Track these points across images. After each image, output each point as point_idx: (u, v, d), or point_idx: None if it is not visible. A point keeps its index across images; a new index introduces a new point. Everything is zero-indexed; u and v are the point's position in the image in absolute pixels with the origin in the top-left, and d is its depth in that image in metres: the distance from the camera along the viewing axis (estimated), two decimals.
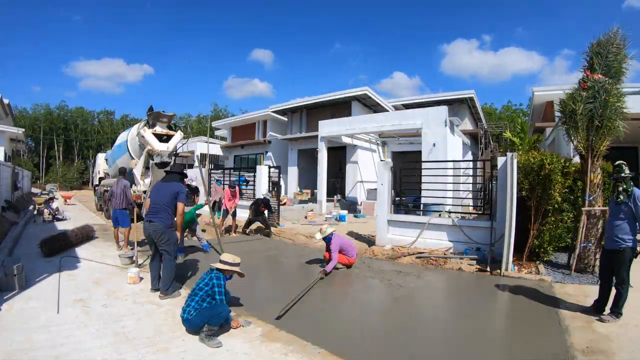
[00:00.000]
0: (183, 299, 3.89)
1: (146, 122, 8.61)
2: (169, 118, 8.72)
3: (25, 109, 49.75)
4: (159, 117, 8.54)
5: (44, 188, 29.82)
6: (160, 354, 2.93)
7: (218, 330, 3.25)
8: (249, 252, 7.42)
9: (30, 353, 2.88)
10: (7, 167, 14.31)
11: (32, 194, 22.29)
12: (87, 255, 6.17)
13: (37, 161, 45.74)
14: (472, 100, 18.34)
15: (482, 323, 3.87)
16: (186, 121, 59.10)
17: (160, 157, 8.20)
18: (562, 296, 4.52)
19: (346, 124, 13.58)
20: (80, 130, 50.58)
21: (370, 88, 16.43)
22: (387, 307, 4.52)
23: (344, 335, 3.43)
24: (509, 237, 5.56)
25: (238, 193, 9.98)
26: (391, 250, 7.15)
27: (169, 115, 8.65)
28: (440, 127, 10.83)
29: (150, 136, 8.33)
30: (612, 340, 3.26)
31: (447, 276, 5.69)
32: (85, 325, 3.43)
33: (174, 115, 8.82)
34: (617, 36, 5.39)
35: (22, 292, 4.31)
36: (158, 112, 8.48)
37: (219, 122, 27.81)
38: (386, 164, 7.75)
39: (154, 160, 8.29)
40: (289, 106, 19.86)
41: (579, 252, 5.47)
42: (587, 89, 5.39)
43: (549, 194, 5.73)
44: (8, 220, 9.86)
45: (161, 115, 8.54)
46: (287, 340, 3.25)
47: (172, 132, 8.71)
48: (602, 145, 5.44)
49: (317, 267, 6.09)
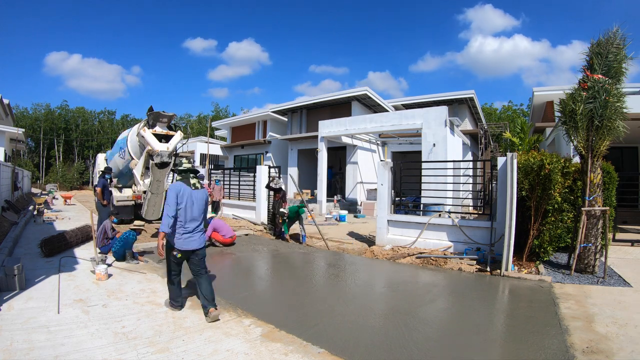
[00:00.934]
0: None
1: (146, 122, 8.55)
2: (169, 118, 8.66)
3: (25, 109, 49.81)
4: (158, 117, 8.48)
5: (44, 188, 29.84)
6: (160, 354, 2.93)
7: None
8: (255, 251, 7.43)
9: (30, 353, 2.88)
10: (7, 167, 14.31)
11: (32, 194, 22.27)
12: (87, 255, 6.16)
13: (37, 161, 45.75)
14: (472, 100, 18.34)
15: (481, 323, 3.87)
16: (186, 121, 59.23)
17: (160, 157, 8.12)
18: (562, 296, 4.52)
19: (346, 124, 13.59)
20: (81, 130, 50.61)
21: (370, 88, 16.44)
22: (386, 307, 4.51)
23: (344, 336, 3.43)
24: (509, 237, 5.56)
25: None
26: (391, 250, 7.15)
27: (169, 115, 8.59)
28: (440, 127, 10.83)
29: (150, 136, 8.26)
30: (612, 340, 3.26)
31: (447, 276, 5.69)
32: (85, 325, 3.43)
33: (174, 116, 8.75)
34: (617, 36, 5.39)
35: (22, 292, 4.31)
36: (158, 112, 8.41)
37: (219, 122, 27.84)
38: (386, 164, 7.75)
39: (153, 161, 8.20)
40: (289, 106, 19.87)
41: (579, 252, 5.47)
42: (587, 89, 5.39)
43: (548, 194, 5.73)
44: (8, 220, 9.86)
45: (161, 115, 8.47)
46: (287, 340, 3.25)
47: (172, 132, 8.64)
48: (602, 145, 5.43)
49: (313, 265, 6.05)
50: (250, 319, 3.73)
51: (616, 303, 4.20)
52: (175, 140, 8.53)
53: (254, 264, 6.77)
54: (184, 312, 3.87)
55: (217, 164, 24.44)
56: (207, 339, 3.22)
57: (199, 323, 3.59)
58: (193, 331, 3.39)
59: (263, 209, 10.92)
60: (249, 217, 11.41)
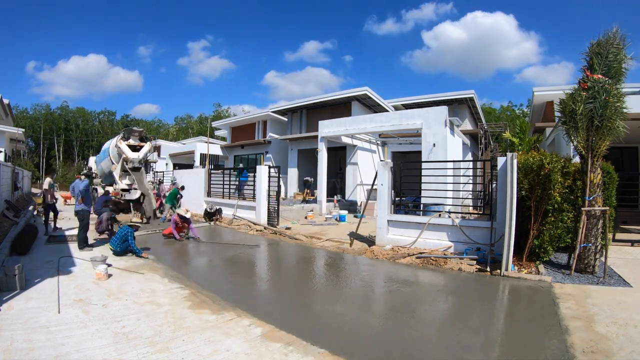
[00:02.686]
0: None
1: (122, 135, 11.06)
2: (140, 132, 11.37)
3: (25, 109, 49.81)
4: (131, 132, 11.21)
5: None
6: (160, 354, 2.93)
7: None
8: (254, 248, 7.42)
9: (30, 353, 2.88)
10: (7, 168, 14.30)
11: (32, 194, 22.26)
12: (87, 256, 6.16)
13: (37, 161, 45.76)
14: (472, 100, 18.33)
15: (481, 323, 3.87)
16: (187, 122, 59.28)
17: (132, 163, 10.38)
18: (562, 296, 4.52)
19: (346, 124, 13.58)
20: (81, 130, 50.62)
21: (370, 88, 16.44)
22: (386, 307, 4.52)
23: (344, 336, 3.43)
24: (509, 237, 5.56)
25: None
26: (391, 250, 7.15)
27: (139, 130, 11.41)
28: (440, 127, 10.82)
29: (124, 147, 10.70)
30: (612, 340, 3.26)
31: (447, 276, 5.69)
32: (85, 325, 3.44)
33: (143, 131, 11.57)
34: (617, 36, 5.39)
35: (22, 292, 4.31)
36: (131, 128, 11.32)
37: (219, 122, 27.84)
38: (386, 164, 7.75)
39: (127, 165, 10.48)
40: (289, 106, 19.87)
41: (579, 252, 5.46)
42: (587, 89, 5.38)
43: (548, 194, 5.73)
44: (8, 221, 9.86)
45: (133, 130, 11.26)
46: (287, 340, 3.25)
47: (143, 144, 11.15)
48: (602, 145, 5.43)
49: (316, 264, 6.07)
50: (250, 319, 3.73)
51: (616, 303, 4.20)
52: (145, 150, 11.02)
53: (254, 263, 6.77)
54: (184, 312, 3.88)
55: (217, 164, 24.42)
56: (207, 339, 3.22)
57: (199, 323, 3.59)
58: (193, 331, 3.39)
59: (263, 208, 10.93)
60: (249, 217, 11.41)
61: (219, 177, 13.92)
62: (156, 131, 55.50)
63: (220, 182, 13.62)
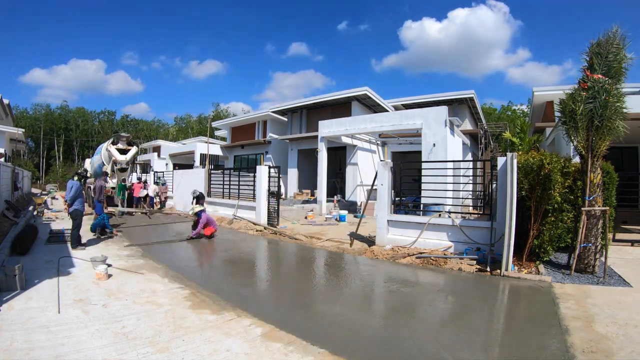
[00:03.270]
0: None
1: (112, 140, 12.53)
2: (127, 138, 12.81)
3: (25, 109, 49.81)
4: (120, 137, 12.65)
5: (44, 188, 29.83)
6: (160, 354, 2.93)
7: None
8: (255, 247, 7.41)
9: (30, 353, 2.88)
10: (7, 168, 14.30)
11: (32, 194, 22.27)
12: (87, 256, 6.16)
13: (37, 161, 45.77)
14: (472, 100, 18.33)
15: (481, 323, 3.87)
16: (187, 122, 59.29)
17: (120, 164, 12.10)
18: (562, 296, 4.52)
19: (346, 124, 13.58)
20: (81, 130, 50.61)
21: (370, 88, 16.44)
22: (386, 307, 4.52)
23: (344, 336, 3.43)
24: (509, 237, 5.56)
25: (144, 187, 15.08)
26: (391, 250, 7.15)
27: (127, 135, 12.97)
28: (440, 127, 10.82)
29: (114, 150, 12.16)
30: (612, 340, 3.26)
31: (447, 276, 5.69)
32: (85, 326, 3.44)
33: (130, 136, 13.17)
34: (617, 36, 5.39)
35: (22, 292, 4.31)
36: (119, 134, 12.84)
37: (219, 122, 27.84)
38: (386, 164, 7.75)
39: (116, 166, 12.19)
40: (289, 106, 19.87)
41: (579, 252, 5.46)
42: (587, 89, 5.38)
43: (548, 194, 5.73)
44: (8, 221, 9.86)
45: (121, 136, 12.73)
46: (287, 340, 3.25)
47: (130, 147, 12.54)
48: (602, 145, 5.43)
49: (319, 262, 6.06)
50: (251, 319, 3.73)
51: (616, 303, 4.20)
52: (132, 153, 12.47)
53: (254, 263, 6.77)
54: (184, 312, 3.88)
55: (217, 164, 24.43)
56: (207, 339, 3.22)
57: (199, 323, 3.59)
58: (193, 331, 3.39)
59: (263, 209, 10.92)
60: (249, 217, 11.41)
61: (219, 177, 13.92)
62: (156, 131, 55.54)
63: (220, 182, 13.63)
